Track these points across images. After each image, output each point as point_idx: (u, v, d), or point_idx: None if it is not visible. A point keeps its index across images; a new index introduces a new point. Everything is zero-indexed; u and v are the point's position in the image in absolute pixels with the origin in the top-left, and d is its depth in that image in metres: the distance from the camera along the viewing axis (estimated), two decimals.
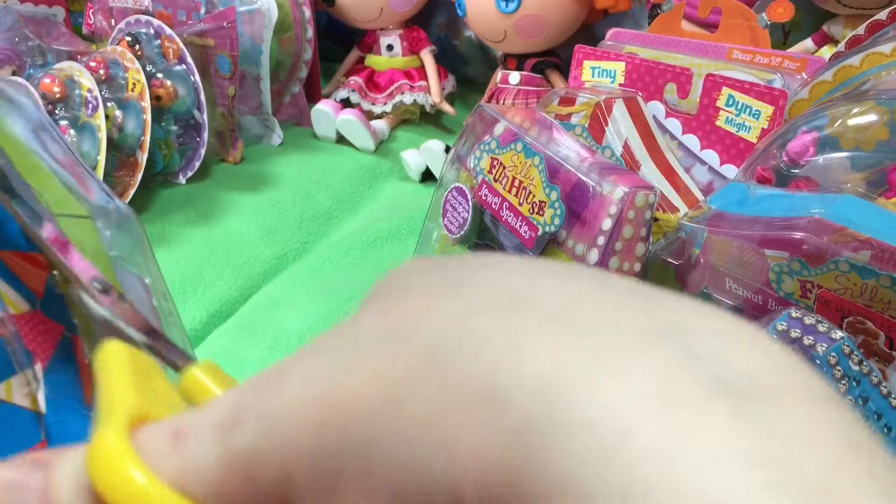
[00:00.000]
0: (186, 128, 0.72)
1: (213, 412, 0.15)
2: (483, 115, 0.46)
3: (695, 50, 0.56)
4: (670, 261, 0.40)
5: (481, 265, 0.15)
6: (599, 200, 0.38)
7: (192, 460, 0.14)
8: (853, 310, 0.32)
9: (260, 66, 0.75)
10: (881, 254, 0.31)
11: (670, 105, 0.53)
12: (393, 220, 0.67)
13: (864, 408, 0.29)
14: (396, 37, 0.81)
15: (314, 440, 0.13)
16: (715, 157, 0.51)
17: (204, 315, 0.56)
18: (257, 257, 0.63)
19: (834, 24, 0.64)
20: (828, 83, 0.48)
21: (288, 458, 0.13)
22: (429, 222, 0.50)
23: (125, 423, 0.15)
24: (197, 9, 0.73)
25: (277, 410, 0.14)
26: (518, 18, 0.69)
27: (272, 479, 0.14)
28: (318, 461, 0.13)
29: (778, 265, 0.34)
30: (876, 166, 0.38)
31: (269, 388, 0.14)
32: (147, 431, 0.15)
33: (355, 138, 0.78)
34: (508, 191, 0.42)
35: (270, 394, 0.14)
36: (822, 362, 0.28)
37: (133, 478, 0.14)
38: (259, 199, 0.69)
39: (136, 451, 0.14)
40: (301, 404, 0.13)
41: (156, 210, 0.68)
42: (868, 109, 0.39)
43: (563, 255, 0.39)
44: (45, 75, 0.65)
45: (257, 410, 0.14)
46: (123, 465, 0.14)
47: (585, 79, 0.57)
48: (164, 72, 0.70)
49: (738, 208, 0.37)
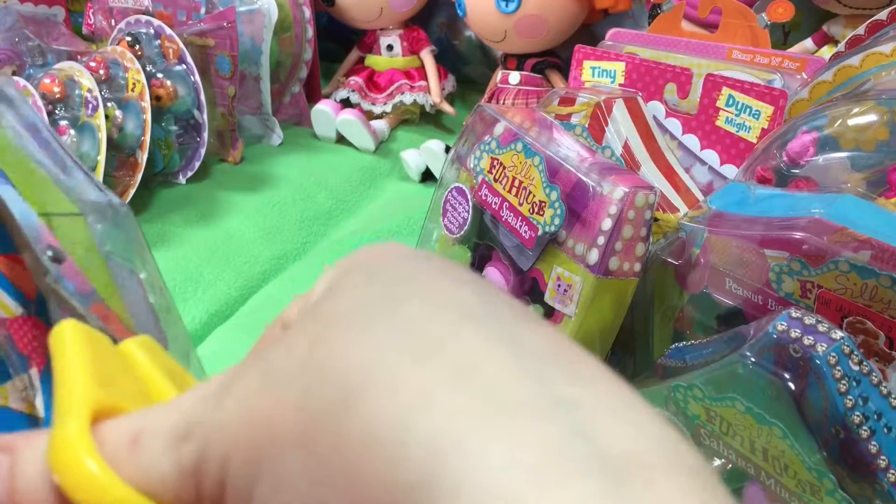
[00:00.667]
0: (186, 128, 0.72)
1: (168, 420, 0.16)
2: (483, 115, 0.46)
3: (695, 50, 0.56)
4: (670, 261, 0.40)
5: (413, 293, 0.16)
6: (599, 200, 0.38)
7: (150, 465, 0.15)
8: (853, 310, 0.32)
9: (260, 66, 0.75)
10: (881, 254, 0.31)
11: (670, 105, 0.53)
12: (393, 220, 0.67)
13: (865, 408, 0.29)
14: (396, 37, 0.81)
15: (242, 452, 0.14)
16: (715, 157, 0.51)
17: (204, 315, 0.56)
18: (257, 257, 0.63)
19: (834, 24, 0.64)
20: (828, 83, 0.48)
21: (223, 465, 0.15)
22: (429, 222, 0.50)
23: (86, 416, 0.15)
24: (197, 9, 0.73)
25: (220, 423, 0.15)
26: (518, 18, 0.69)
27: (213, 482, 0.15)
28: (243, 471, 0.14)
29: (778, 265, 0.34)
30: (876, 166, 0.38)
31: (215, 401, 0.15)
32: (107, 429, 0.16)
33: (355, 138, 0.78)
34: (508, 191, 0.42)
35: (216, 406, 0.15)
36: (822, 362, 0.28)
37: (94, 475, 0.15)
38: (259, 199, 0.69)
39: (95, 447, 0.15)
40: (236, 419, 0.15)
41: (156, 210, 0.68)
42: (868, 109, 0.39)
43: (562, 255, 0.39)
44: (46, 75, 0.65)
45: (205, 422, 0.15)
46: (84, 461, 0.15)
47: (585, 79, 0.57)
48: (164, 72, 0.70)
49: (738, 208, 0.37)
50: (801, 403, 0.29)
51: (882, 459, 0.29)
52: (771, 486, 0.33)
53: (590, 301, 0.38)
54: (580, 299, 0.38)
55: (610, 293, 0.39)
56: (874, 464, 0.29)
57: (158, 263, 0.61)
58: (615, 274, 0.38)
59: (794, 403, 0.29)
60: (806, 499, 0.31)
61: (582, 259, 0.38)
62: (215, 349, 0.54)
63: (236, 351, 0.53)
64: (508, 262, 0.43)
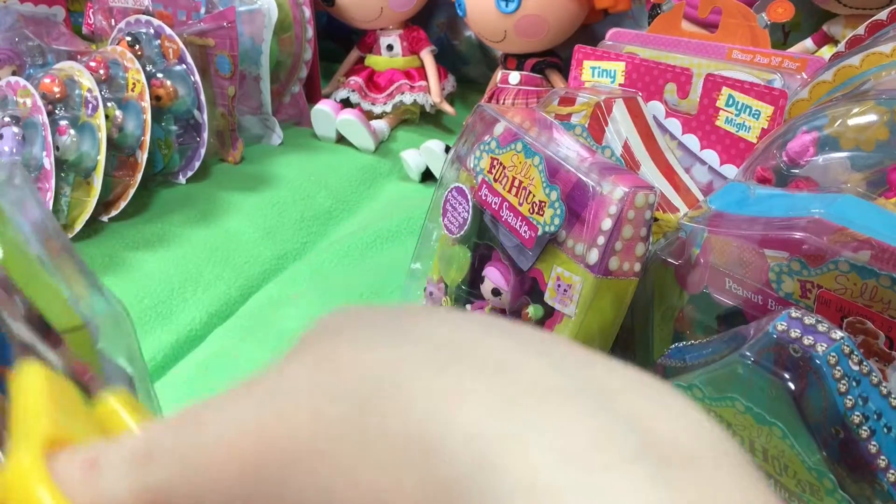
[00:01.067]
0: (186, 128, 0.72)
1: (127, 445, 0.15)
2: (483, 115, 0.46)
3: (695, 50, 0.56)
4: (670, 261, 0.40)
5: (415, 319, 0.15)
6: (599, 200, 0.38)
7: (105, 490, 0.15)
8: (853, 310, 0.32)
9: (260, 66, 0.75)
10: (881, 254, 0.31)
11: (670, 105, 0.53)
12: (393, 220, 0.67)
13: (864, 408, 0.29)
14: (396, 37, 0.81)
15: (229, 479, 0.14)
16: (715, 157, 0.51)
17: (204, 315, 0.56)
18: (257, 257, 0.63)
19: (834, 24, 0.64)
20: (828, 83, 0.48)
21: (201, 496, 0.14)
22: (429, 222, 0.50)
23: (40, 447, 0.15)
24: (197, 9, 0.73)
25: (195, 449, 0.14)
26: (518, 18, 0.69)
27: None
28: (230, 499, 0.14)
29: (778, 265, 0.34)
30: (876, 166, 0.38)
31: (186, 428, 0.15)
32: (61, 458, 0.15)
33: (355, 138, 0.78)
34: (508, 191, 0.42)
35: (188, 433, 0.14)
36: (822, 362, 0.28)
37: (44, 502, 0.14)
38: (259, 199, 0.69)
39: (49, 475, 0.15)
40: (219, 444, 0.14)
41: (156, 210, 0.68)
42: (868, 109, 0.39)
43: (562, 255, 0.39)
44: (46, 75, 0.65)
45: (174, 448, 0.14)
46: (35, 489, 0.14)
47: (585, 79, 0.57)
48: (164, 72, 0.70)
49: (738, 208, 0.37)
50: (801, 403, 0.29)
51: (882, 459, 0.29)
52: (771, 487, 0.33)
53: (590, 301, 0.38)
54: (580, 299, 0.38)
55: (610, 293, 0.39)
56: (874, 464, 0.29)
57: (158, 263, 0.61)
58: (615, 274, 0.38)
59: (794, 403, 0.29)
60: (806, 499, 0.31)
61: (582, 259, 0.38)
62: (215, 349, 0.54)
63: (236, 351, 0.53)
64: (508, 262, 0.43)
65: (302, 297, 0.58)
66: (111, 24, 0.78)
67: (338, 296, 0.58)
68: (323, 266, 0.62)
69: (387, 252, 0.64)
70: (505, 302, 0.44)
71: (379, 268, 0.61)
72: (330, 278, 0.60)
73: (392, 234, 0.65)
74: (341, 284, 0.59)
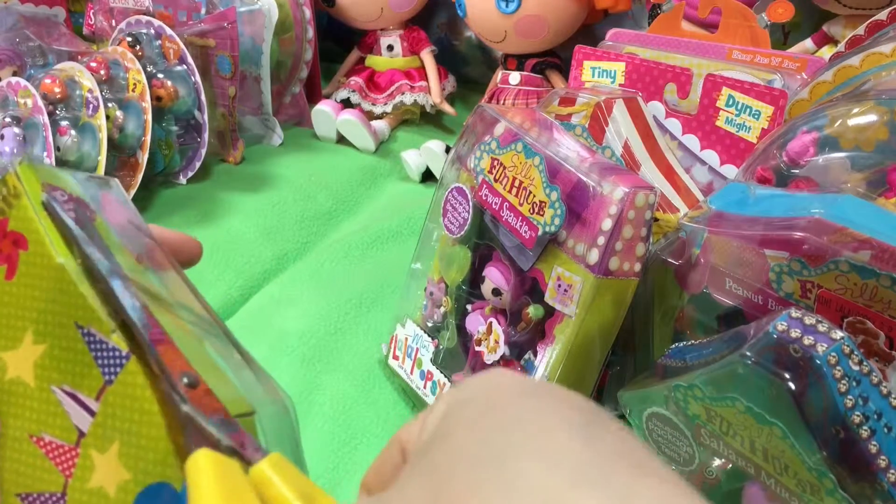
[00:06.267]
0: (187, 128, 0.72)
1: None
2: (483, 115, 0.46)
3: (695, 50, 0.56)
4: (670, 261, 0.40)
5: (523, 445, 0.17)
6: (599, 200, 0.38)
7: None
8: (853, 310, 0.32)
9: (260, 67, 0.75)
10: (881, 254, 0.31)
11: (670, 105, 0.53)
12: (393, 220, 0.67)
13: (865, 408, 0.29)
14: (397, 37, 0.81)
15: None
16: (715, 157, 0.51)
17: None
18: (257, 257, 0.63)
19: (834, 25, 0.64)
20: (828, 83, 0.48)
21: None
22: (429, 222, 0.50)
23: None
24: (197, 9, 0.73)
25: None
26: (518, 19, 0.69)
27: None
28: None
29: (778, 265, 0.34)
30: (876, 166, 0.38)
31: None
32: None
33: (356, 138, 0.78)
34: (509, 191, 0.42)
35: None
36: (822, 362, 0.28)
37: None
38: (259, 200, 0.69)
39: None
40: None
41: (156, 210, 0.68)
42: (868, 109, 0.39)
43: (563, 255, 0.39)
44: (46, 76, 0.65)
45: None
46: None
47: (585, 79, 0.57)
48: (164, 72, 0.70)
49: (738, 208, 0.37)
50: (802, 403, 0.29)
51: (882, 459, 0.29)
52: (771, 486, 0.33)
53: (590, 301, 0.38)
54: (580, 299, 0.39)
55: (610, 293, 0.39)
56: (874, 464, 0.29)
57: None
58: (615, 274, 0.38)
59: (795, 403, 0.29)
60: (806, 499, 0.31)
61: (582, 259, 0.38)
62: None
63: None
64: (509, 262, 0.43)
65: (302, 297, 0.58)
66: (112, 24, 0.78)
67: (338, 296, 0.58)
68: (323, 266, 0.62)
69: (387, 252, 0.64)
70: (505, 302, 0.44)
71: (379, 268, 0.61)
72: (330, 278, 0.60)
73: (392, 235, 0.65)
74: (341, 284, 0.59)
